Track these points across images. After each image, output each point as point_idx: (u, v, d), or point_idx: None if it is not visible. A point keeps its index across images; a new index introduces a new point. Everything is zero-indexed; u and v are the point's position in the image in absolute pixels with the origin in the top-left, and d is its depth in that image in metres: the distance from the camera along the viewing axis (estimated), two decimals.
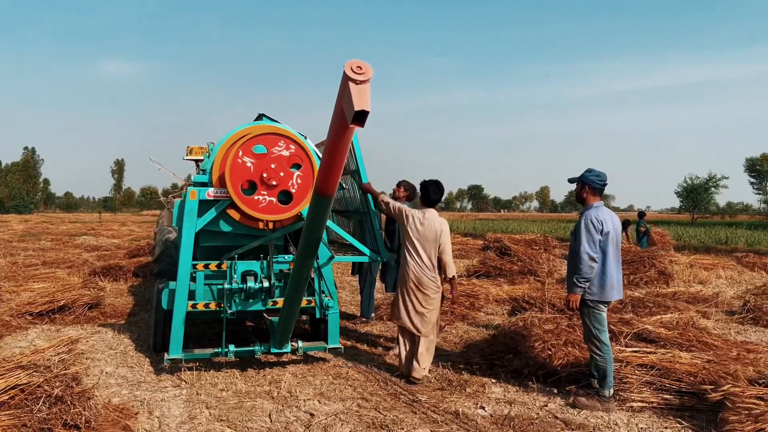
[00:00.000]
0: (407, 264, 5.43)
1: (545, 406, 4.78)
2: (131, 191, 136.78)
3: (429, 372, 5.46)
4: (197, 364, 5.62)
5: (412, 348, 5.44)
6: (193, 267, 5.50)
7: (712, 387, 4.48)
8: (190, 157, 10.85)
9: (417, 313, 5.37)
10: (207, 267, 5.58)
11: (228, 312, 5.43)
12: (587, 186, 4.82)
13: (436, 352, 6.05)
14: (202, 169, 6.05)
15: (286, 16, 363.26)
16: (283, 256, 5.95)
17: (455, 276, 5.49)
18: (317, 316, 5.97)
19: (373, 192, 5.88)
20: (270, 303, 5.63)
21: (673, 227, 31.88)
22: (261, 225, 5.49)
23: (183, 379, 5.31)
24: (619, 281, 4.77)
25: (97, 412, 3.97)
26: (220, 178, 5.40)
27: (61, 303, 7.87)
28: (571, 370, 5.28)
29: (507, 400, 4.91)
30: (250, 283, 5.47)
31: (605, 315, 4.77)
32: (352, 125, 3.17)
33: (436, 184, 5.62)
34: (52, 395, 3.71)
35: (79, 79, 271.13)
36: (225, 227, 5.56)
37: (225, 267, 5.57)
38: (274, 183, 5.35)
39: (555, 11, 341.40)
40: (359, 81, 3.10)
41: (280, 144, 5.40)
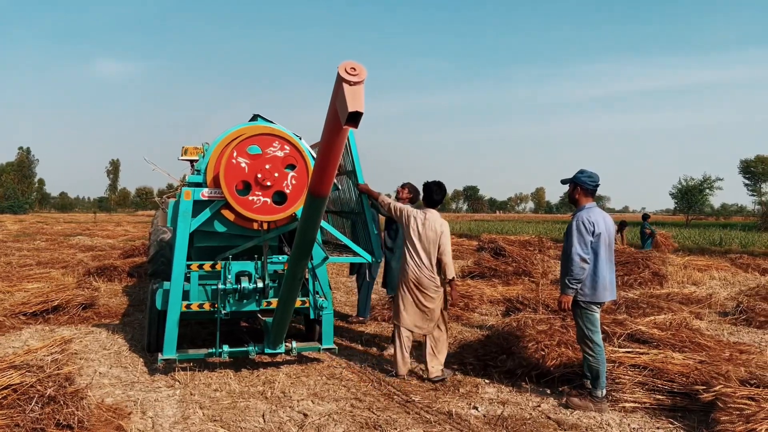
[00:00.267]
0: (407, 264, 5.46)
1: (538, 406, 4.79)
2: (126, 191, 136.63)
3: (442, 371, 5.43)
4: (191, 364, 5.62)
5: (411, 348, 5.51)
6: (188, 267, 5.50)
7: (704, 387, 4.51)
8: (184, 158, 10.83)
9: (417, 313, 5.40)
10: (201, 267, 5.58)
11: (222, 312, 5.43)
12: (579, 187, 4.84)
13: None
14: (196, 170, 6.06)
15: (283, 16, 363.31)
16: (278, 256, 5.96)
17: (455, 277, 5.51)
18: (311, 316, 5.98)
19: (372, 193, 5.89)
20: (264, 303, 5.63)
21: (668, 228, 31.92)
22: (255, 225, 5.49)
23: (177, 380, 5.31)
24: (612, 282, 4.79)
25: (90, 412, 3.97)
26: (214, 178, 5.40)
27: (55, 303, 7.85)
28: (564, 370, 5.30)
29: (500, 400, 4.93)
30: (244, 284, 5.48)
31: (598, 316, 4.79)
32: (346, 126, 3.19)
33: (438, 184, 5.65)
34: (44, 395, 3.70)
35: (75, 79, 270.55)
36: (219, 228, 5.56)
37: (219, 267, 5.57)
38: (268, 183, 5.35)
39: (550, 14, 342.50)
40: (353, 82, 3.11)
41: (274, 145, 5.40)
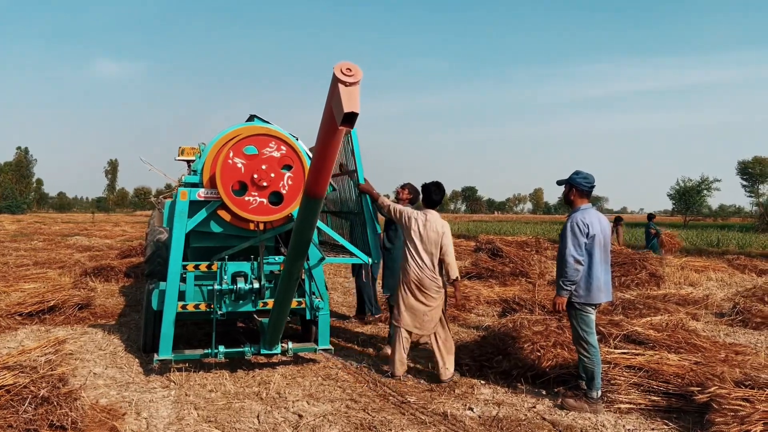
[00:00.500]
0: (408, 265, 5.45)
1: (533, 407, 4.79)
2: (125, 191, 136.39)
3: (451, 372, 5.44)
4: (187, 364, 5.61)
5: (408, 349, 5.53)
6: (184, 268, 5.49)
7: (699, 389, 4.51)
8: (181, 158, 10.83)
9: (418, 314, 5.40)
10: (197, 268, 5.57)
11: (218, 313, 5.42)
12: (575, 188, 4.83)
13: (426, 353, 6.08)
14: (193, 170, 6.05)
15: (282, 16, 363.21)
16: (274, 257, 5.95)
17: (458, 277, 5.54)
18: (308, 317, 5.97)
19: (373, 193, 5.88)
20: (260, 304, 5.63)
21: (665, 229, 31.95)
22: (252, 226, 5.48)
23: (172, 380, 5.30)
24: (608, 283, 4.79)
25: (84, 413, 3.96)
26: (210, 178, 5.39)
27: (51, 303, 7.84)
28: (560, 371, 5.30)
29: (495, 401, 4.92)
30: (240, 284, 5.47)
31: (593, 317, 4.79)
32: (341, 127, 3.19)
33: (437, 185, 5.65)
34: (38, 396, 3.70)
35: (73, 79, 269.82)
36: (215, 228, 5.55)
37: (215, 268, 5.56)
38: (264, 184, 5.35)
39: (549, 14, 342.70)
40: (349, 83, 3.12)
41: (271, 145, 5.40)
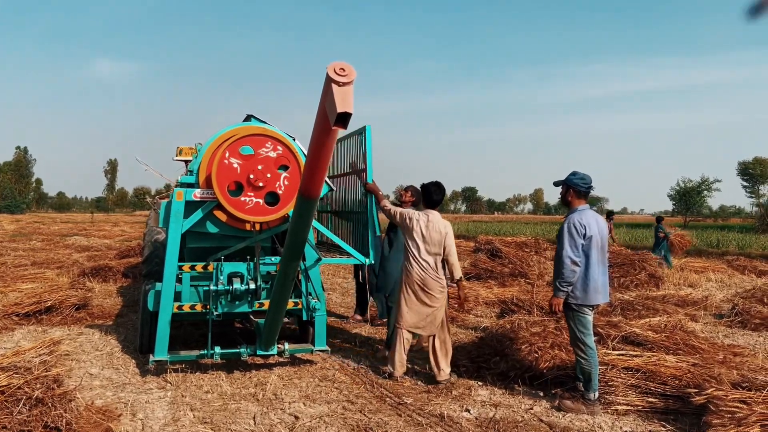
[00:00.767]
0: (411, 266, 5.43)
1: (531, 409, 4.77)
2: (124, 191, 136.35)
3: (447, 373, 5.44)
4: (183, 365, 5.60)
5: (409, 350, 5.57)
6: (180, 268, 5.48)
7: (696, 390, 4.49)
8: (179, 158, 10.81)
9: (421, 314, 5.39)
10: (193, 268, 5.56)
11: (214, 314, 5.41)
12: (572, 189, 4.81)
13: (424, 354, 6.05)
14: (189, 170, 6.04)
15: (282, 16, 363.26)
16: (270, 257, 5.93)
17: (462, 277, 5.56)
18: (304, 318, 5.96)
19: (378, 194, 5.86)
20: (257, 305, 5.61)
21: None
22: (248, 226, 5.47)
23: (168, 381, 5.28)
24: (605, 285, 4.77)
25: (79, 414, 3.94)
26: (206, 179, 5.37)
27: (48, 304, 7.82)
28: (558, 373, 5.28)
29: (493, 402, 4.91)
30: (236, 285, 5.45)
31: (590, 319, 4.77)
32: (335, 127, 3.17)
33: (437, 185, 5.64)
34: (32, 397, 3.67)
35: (72, 79, 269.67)
36: (212, 228, 5.54)
37: (211, 268, 5.55)
38: (260, 184, 5.33)
39: (549, 14, 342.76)
40: (342, 83, 3.10)
41: (267, 145, 5.38)
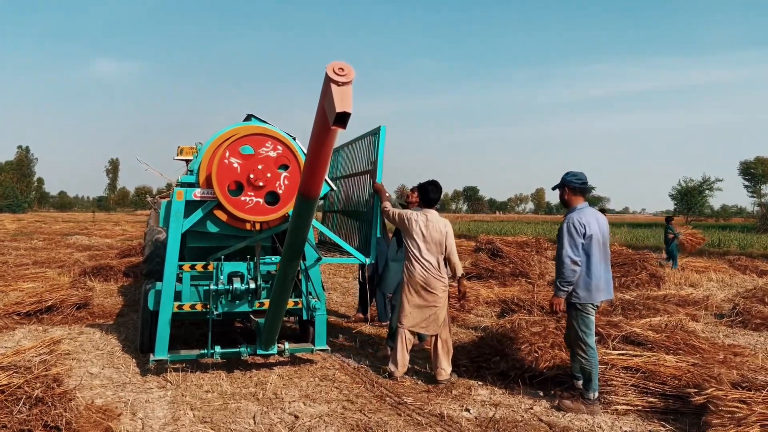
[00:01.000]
0: (413, 266, 5.43)
1: (530, 408, 4.77)
2: (126, 191, 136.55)
3: (448, 373, 5.44)
4: (183, 365, 5.60)
5: (410, 350, 5.56)
6: (180, 268, 5.48)
7: (695, 390, 4.49)
8: (180, 157, 10.82)
9: (424, 313, 5.40)
10: (193, 268, 5.56)
11: (214, 313, 5.41)
12: (567, 188, 4.82)
13: (424, 354, 6.06)
14: (189, 170, 6.04)
15: (282, 16, 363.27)
16: (270, 257, 5.94)
17: (463, 274, 5.64)
18: (304, 317, 5.96)
19: (382, 194, 5.87)
20: (257, 304, 5.61)
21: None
22: (248, 226, 5.47)
23: (168, 380, 5.29)
24: (608, 281, 4.74)
25: (79, 413, 3.95)
26: (207, 178, 5.38)
27: (49, 303, 7.83)
28: (558, 372, 5.28)
29: (492, 402, 4.91)
30: (236, 284, 5.46)
31: (593, 318, 4.76)
32: (334, 127, 3.17)
33: (434, 184, 5.64)
34: (32, 396, 3.69)
35: (74, 78, 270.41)
36: (212, 228, 5.54)
37: (211, 268, 5.55)
38: (261, 184, 5.34)
39: (550, 14, 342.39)
40: (341, 83, 3.10)
41: (267, 145, 5.39)
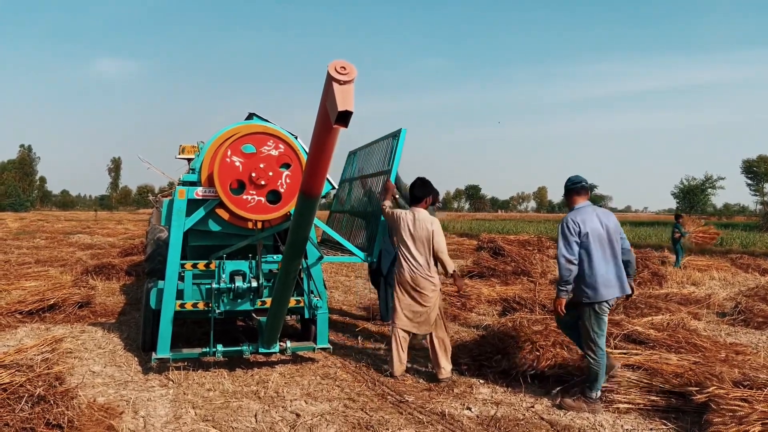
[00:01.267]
0: (402, 267, 5.44)
1: (532, 407, 4.77)
2: (128, 189, 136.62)
3: (449, 371, 5.42)
4: (185, 363, 5.61)
5: (406, 349, 5.51)
6: (182, 266, 5.49)
7: (697, 389, 4.48)
8: (182, 156, 10.84)
9: (414, 313, 5.39)
10: (195, 266, 5.57)
11: (216, 312, 5.42)
12: (566, 192, 4.97)
13: (425, 352, 6.06)
14: (191, 168, 6.05)
15: (283, 15, 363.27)
16: (272, 255, 5.94)
17: (455, 270, 5.53)
18: (306, 316, 5.97)
19: (387, 193, 5.87)
20: (258, 303, 5.62)
21: (669, 228, 31.91)
22: (250, 225, 5.48)
23: (171, 379, 5.30)
24: (619, 278, 4.69)
25: (81, 411, 3.96)
26: (208, 177, 5.38)
27: (52, 302, 7.86)
28: (559, 371, 5.28)
29: (494, 401, 4.91)
30: (238, 283, 5.47)
31: (606, 319, 4.71)
32: (335, 126, 3.17)
33: (421, 180, 5.63)
34: (34, 395, 3.70)
35: (76, 77, 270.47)
36: (214, 227, 5.55)
37: (213, 266, 5.56)
38: (262, 182, 5.34)
39: (551, 14, 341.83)
40: (343, 81, 3.10)
41: (269, 143, 5.39)
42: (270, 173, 5.36)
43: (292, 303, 5.51)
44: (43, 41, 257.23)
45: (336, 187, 6.66)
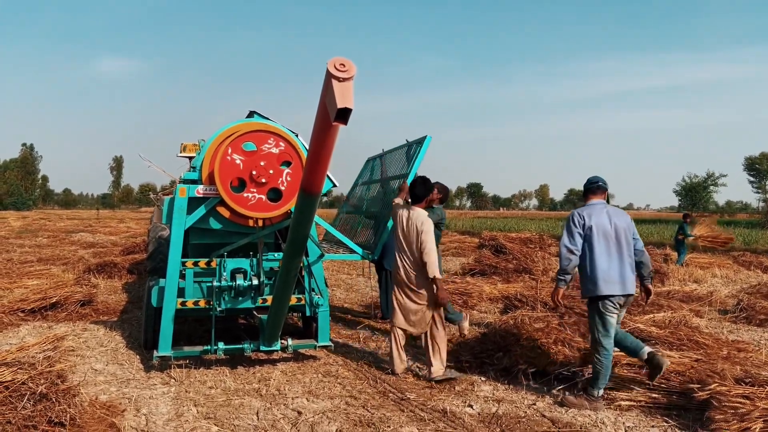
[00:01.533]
0: (398, 265, 5.46)
1: (533, 404, 4.77)
2: (130, 188, 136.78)
3: (445, 371, 5.37)
4: (187, 361, 5.62)
5: (405, 346, 5.50)
6: (183, 264, 5.49)
7: (699, 386, 4.47)
8: (183, 154, 10.84)
9: (409, 312, 5.38)
10: (196, 264, 5.57)
11: (217, 310, 5.42)
12: (583, 192, 5.08)
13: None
14: (192, 167, 6.05)
15: (284, 14, 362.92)
16: (273, 253, 5.94)
17: (437, 276, 5.20)
18: (307, 313, 5.97)
19: (401, 193, 5.88)
20: (260, 301, 5.63)
21: (671, 226, 31.88)
22: (251, 222, 5.48)
23: (172, 377, 5.31)
24: (623, 275, 4.66)
25: (83, 409, 3.96)
26: (209, 175, 5.39)
27: (54, 300, 7.88)
28: (561, 368, 5.27)
29: (495, 398, 4.91)
30: (239, 281, 5.47)
31: (613, 320, 4.65)
32: (335, 123, 3.17)
33: (422, 179, 5.61)
34: (36, 392, 3.71)
35: (78, 76, 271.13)
36: (215, 225, 5.55)
37: (214, 264, 5.56)
38: (263, 180, 5.34)
39: (552, 13, 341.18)
40: (342, 78, 3.09)
41: (269, 141, 5.39)
42: (271, 171, 5.36)
43: (293, 301, 5.51)
44: (45, 41, 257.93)
45: (336, 185, 6.65)
